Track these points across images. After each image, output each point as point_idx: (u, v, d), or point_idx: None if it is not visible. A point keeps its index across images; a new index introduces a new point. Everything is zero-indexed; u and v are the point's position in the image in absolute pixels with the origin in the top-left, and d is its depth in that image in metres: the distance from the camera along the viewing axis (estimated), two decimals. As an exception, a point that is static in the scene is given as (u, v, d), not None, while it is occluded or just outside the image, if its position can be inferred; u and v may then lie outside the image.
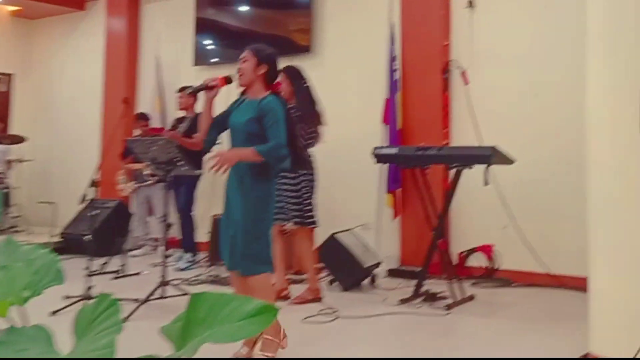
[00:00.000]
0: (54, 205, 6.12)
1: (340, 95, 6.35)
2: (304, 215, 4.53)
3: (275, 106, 3.14)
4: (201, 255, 6.25)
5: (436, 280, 4.99)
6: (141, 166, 6.47)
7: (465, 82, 5.68)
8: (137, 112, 7.27)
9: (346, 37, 6.44)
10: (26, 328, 1.10)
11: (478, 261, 5.53)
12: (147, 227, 7.01)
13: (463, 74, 5.69)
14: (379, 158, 4.84)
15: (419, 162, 4.68)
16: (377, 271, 5.30)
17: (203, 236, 6.26)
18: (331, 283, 5.11)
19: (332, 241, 5.12)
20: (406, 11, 5.95)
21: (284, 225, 4.54)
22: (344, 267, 5.04)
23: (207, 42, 7.47)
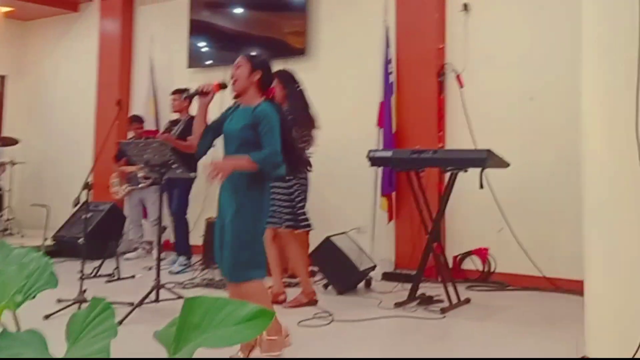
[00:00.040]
0: (47, 208, 6.07)
1: (335, 98, 6.35)
2: (297, 219, 4.52)
3: (270, 113, 3.12)
4: (195, 259, 6.22)
5: (431, 284, 4.99)
6: (135, 169, 6.45)
7: (460, 85, 5.68)
8: (131, 115, 7.24)
9: (341, 40, 6.44)
10: (20, 333, 1.08)
11: (473, 264, 5.53)
12: (140, 230, 6.98)
13: (458, 77, 5.69)
14: (374, 161, 4.83)
15: (414, 165, 4.68)
16: (372, 274, 5.29)
17: (197, 239, 6.23)
18: (326, 287, 5.10)
19: (327, 244, 5.10)
20: (401, 14, 5.96)
21: (278, 228, 4.52)
22: (339, 270, 5.03)
23: (202, 45, 7.46)
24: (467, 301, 4.62)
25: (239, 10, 7.23)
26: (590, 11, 2.96)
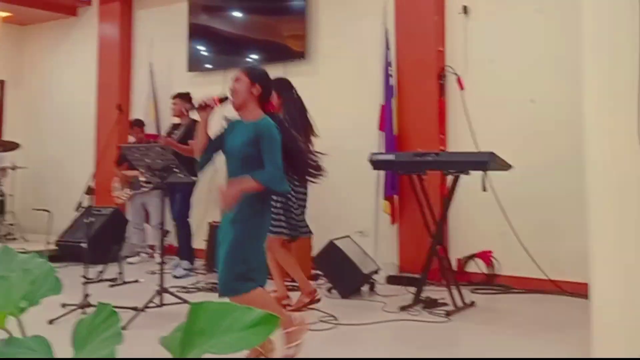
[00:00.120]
0: (49, 213, 6.07)
1: (336, 101, 6.35)
2: (294, 227, 4.50)
3: (270, 128, 3.10)
4: (198, 263, 6.21)
5: (435, 287, 4.98)
6: (136, 173, 6.44)
7: (461, 87, 5.68)
8: (132, 119, 7.23)
9: (341, 43, 6.43)
10: (25, 338, 1.07)
11: (477, 267, 5.51)
12: (143, 234, 6.98)
13: (458, 80, 5.69)
14: (376, 164, 4.82)
15: (416, 168, 4.66)
16: (376, 278, 5.28)
17: (200, 243, 6.22)
18: (330, 290, 5.08)
19: (330, 247, 5.09)
20: (400, 17, 5.95)
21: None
22: (343, 273, 5.01)
23: (201, 48, 7.46)
24: (472, 304, 4.60)
25: (238, 14, 7.23)
26: (590, 12, 2.96)
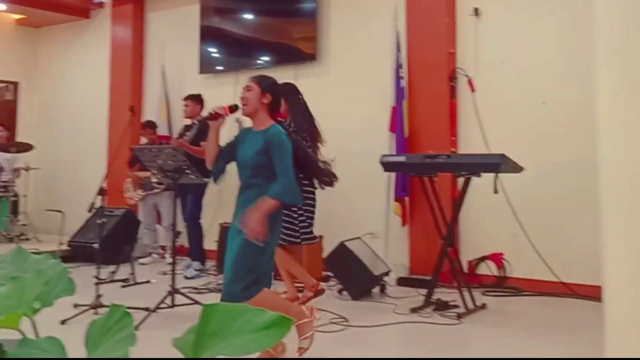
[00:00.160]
0: (62, 214, 6.11)
1: (346, 103, 6.35)
2: (295, 234, 4.50)
3: (281, 137, 3.12)
4: (209, 264, 6.23)
5: (446, 289, 4.96)
6: (148, 174, 6.46)
7: (472, 89, 5.65)
8: (145, 120, 7.26)
9: (351, 45, 6.43)
10: (39, 339, 1.08)
11: (488, 269, 5.48)
12: (155, 235, 7.00)
13: (469, 82, 5.66)
14: (387, 166, 4.81)
15: (427, 170, 4.65)
16: (386, 279, 5.27)
17: (211, 244, 6.24)
18: (340, 292, 5.07)
19: (341, 249, 5.09)
20: (412, 18, 5.94)
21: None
22: (354, 275, 5.00)
23: (213, 50, 7.48)
24: (483, 307, 4.58)
25: (249, 16, 7.25)
26: (603, 12, 2.93)
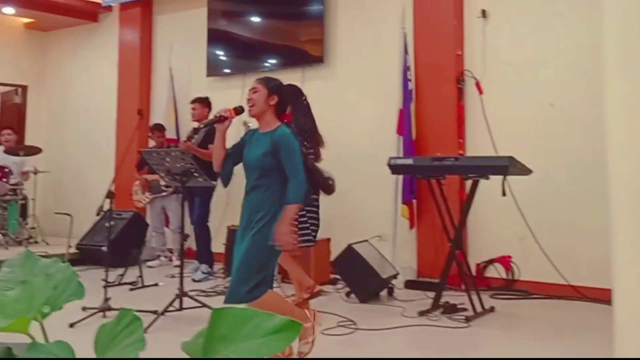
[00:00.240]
0: (70, 216, 6.13)
1: (354, 105, 6.35)
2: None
3: (289, 138, 3.13)
4: (217, 266, 6.23)
5: (455, 292, 4.94)
6: (157, 177, 6.47)
7: (480, 91, 5.64)
8: (153, 123, 7.27)
9: (359, 47, 6.43)
10: (48, 344, 1.08)
11: (496, 272, 5.46)
12: (163, 237, 7.02)
13: (477, 84, 5.65)
14: (395, 169, 4.80)
15: (435, 173, 4.64)
16: (394, 282, 5.26)
17: (219, 247, 6.24)
18: (348, 295, 5.07)
19: (349, 252, 5.08)
20: (419, 21, 5.93)
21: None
22: (361, 278, 4.99)
23: (220, 53, 7.50)
24: (492, 310, 4.56)
25: (256, 19, 7.26)
26: (611, 14, 2.92)
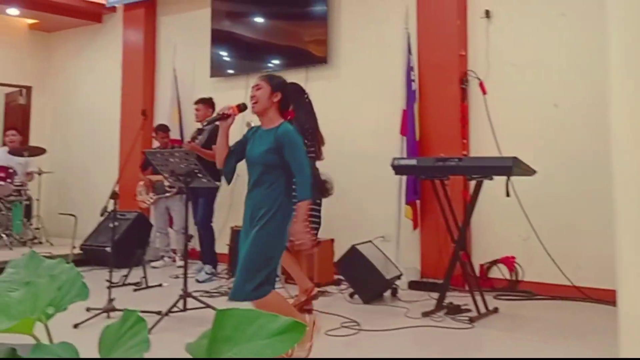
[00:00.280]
0: (75, 217, 6.14)
1: (357, 106, 6.34)
2: None
3: (292, 135, 3.14)
4: (221, 267, 6.23)
5: (458, 293, 4.94)
6: (161, 177, 6.48)
7: (483, 92, 5.63)
8: (158, 124, 7.27)
9: (362, 48, 6.43)
10: (52, 345, 1.08)
11: (500, 273, 5.45)
12: (167, 238, 7.02)
13: (481, 84, 5.64)
14: (398, 169, 4.79)
15: (438, 174, 4.63)
16: (398, 283, 5.25)
17: (223, 248, 6.25)
18: (352, 296, 5.06)
19: (352, 252, 5.07)
20: (422, 21, 5.92)
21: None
22: (365, 278, 4.98)
23: (223, 54, 7.50)
24: (496, 311, 4.55)
25: (260, 20, 7.26)
26: (616, 14, 2.91)
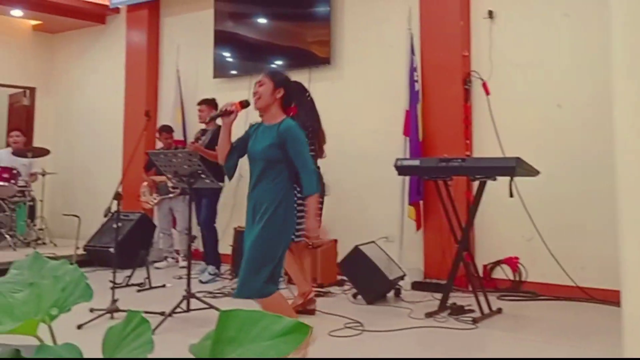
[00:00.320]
0: (78, 218, 6.15)
1: (361, 106, 6.34)
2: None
3: (295, 131, 3.15)
4: (224, 268, 6.24)
5: (462, 293, 4.93)
6: (164, 178, 6.49)
7: (487, 92, 5.62)
8: (161, 125, 7.28)
9: (365, 48, 6.43)
10: (56, 346, 1.08)
11: (504, 273, 5.44)
12: (170, 239, 7.03)
13: (484, 85, 5.63)
14: (401, 170, 4.79)
15: (442, 174, 4.63)
16: (401, 284, 5.25)
17: (226, 248, 6.25)
18: (355, 296, 5.06)
19: (355, 253, 5.07)
20: (425, 22, 5.92)
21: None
22: (368, 279, 4.98)
23: (227, 55, 7.51)
24: (499, 311, 4.54)
25: (263, 21, 7.27)
26: (619, 16, 2.90)
